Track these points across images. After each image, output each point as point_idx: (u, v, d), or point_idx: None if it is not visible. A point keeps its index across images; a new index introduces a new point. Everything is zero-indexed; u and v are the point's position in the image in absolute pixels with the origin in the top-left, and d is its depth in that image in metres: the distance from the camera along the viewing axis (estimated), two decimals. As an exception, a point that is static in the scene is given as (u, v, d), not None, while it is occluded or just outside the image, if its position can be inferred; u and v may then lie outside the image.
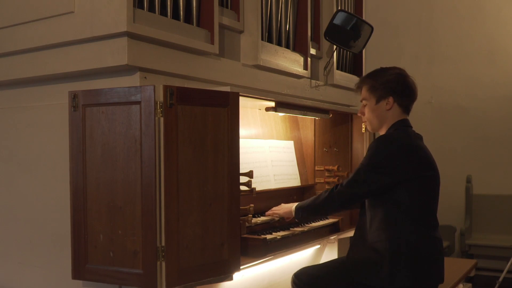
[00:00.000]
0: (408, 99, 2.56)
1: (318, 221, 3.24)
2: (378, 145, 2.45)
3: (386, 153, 2.41)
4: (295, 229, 2.99)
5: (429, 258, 2.41)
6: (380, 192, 2.43)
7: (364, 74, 4.31)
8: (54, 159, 2.69)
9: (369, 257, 2.44)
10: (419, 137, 2.55)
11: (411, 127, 2.57)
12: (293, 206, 2.77)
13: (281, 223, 3.01)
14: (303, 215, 2.71)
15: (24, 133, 2.88)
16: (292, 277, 2.62)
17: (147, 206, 2.14)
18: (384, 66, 2.64)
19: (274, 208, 2.95)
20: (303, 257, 3.40)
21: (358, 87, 2.66)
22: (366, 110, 2.61)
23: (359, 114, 2.70)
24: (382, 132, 2.59)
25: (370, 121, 2.61)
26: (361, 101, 2.65)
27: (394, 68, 2.60)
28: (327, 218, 3.31)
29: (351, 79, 4.15)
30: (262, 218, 2.93)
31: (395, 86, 2.52)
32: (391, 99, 2.53)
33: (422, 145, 2.52)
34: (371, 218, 2.49)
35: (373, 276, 2.40)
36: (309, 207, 2.66)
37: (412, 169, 2.39)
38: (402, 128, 2.52)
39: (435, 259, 2.43)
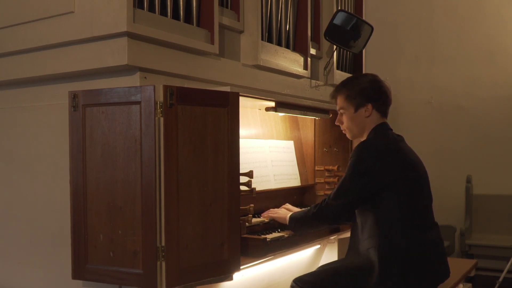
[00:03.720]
0: (385, 103, 2.59)
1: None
2: (359, 152, 2.47)
3: (368, 159, 2.43)
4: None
5: (422, 260, 2.40)
6: (366, 199, 2.44)
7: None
8: (54, 159, 2.69)
9: (361, 263, 2.45)
10: (399, 139, 2.56)
11: (391, 129, 2.59)
12: (288, 214, 2.76)
13: (281, 223, 3.01)
14: (295, 225, 2.70)
15: (24, 133, 2.88)
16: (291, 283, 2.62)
17: (147, 206, 2.14)
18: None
19: (271, 210, 2.94)
20: (303, 257, 3.39)
21: (333, 97, 2.68)
22: (345, 119, 2.62)
23: (337, 123, 2.69)
24: (363, 138, 2.60)
25: (350, 129, 2.62)
26: (339, 111, 2.65)
27: (367, 75, 2.65)
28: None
29: (351, 79, 4.14)
30: (262, 218, 2.93)
31: (372, 93, 2.55)
32: (370, 106, 2.55)
33: (403, 147, 2.53)
34: (362, 225, 2.51)
35: (365, 281, 2.40)
36: (301, 219, 2.67)
37: (394, 171, 2.40)
38: (381, 132, 2.54)
39: (429, 261, 2.42)
